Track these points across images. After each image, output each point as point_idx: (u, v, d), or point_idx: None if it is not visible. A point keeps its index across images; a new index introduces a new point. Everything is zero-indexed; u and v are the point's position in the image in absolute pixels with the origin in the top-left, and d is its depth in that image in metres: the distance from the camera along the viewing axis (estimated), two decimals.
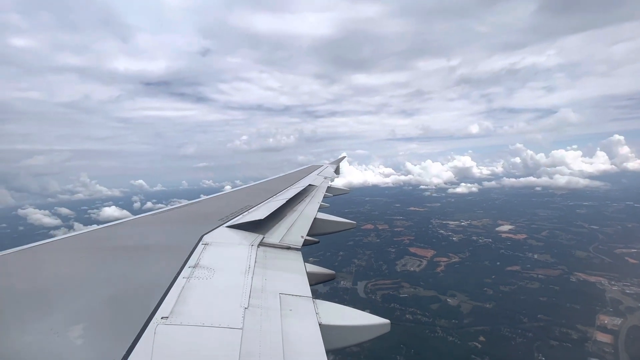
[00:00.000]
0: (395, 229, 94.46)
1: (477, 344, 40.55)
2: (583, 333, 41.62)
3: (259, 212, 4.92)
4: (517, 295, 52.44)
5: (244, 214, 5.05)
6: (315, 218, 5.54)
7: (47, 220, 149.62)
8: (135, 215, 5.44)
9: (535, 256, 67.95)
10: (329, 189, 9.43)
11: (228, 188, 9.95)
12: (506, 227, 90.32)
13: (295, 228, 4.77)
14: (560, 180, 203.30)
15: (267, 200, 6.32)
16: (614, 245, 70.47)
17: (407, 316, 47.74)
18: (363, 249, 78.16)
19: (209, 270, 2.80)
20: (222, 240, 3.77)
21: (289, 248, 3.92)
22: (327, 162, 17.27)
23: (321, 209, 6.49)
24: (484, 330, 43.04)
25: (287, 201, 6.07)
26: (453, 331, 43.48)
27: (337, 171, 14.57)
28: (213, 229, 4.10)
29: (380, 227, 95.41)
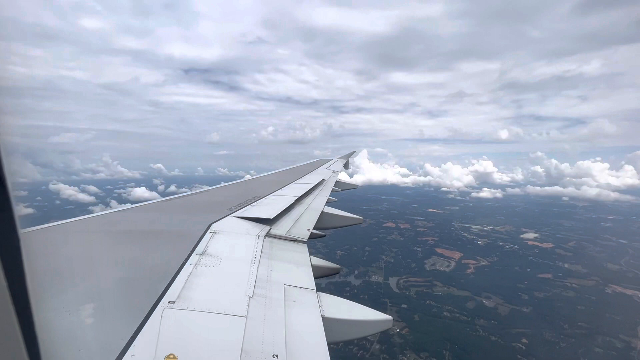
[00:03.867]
0: (418, 229, 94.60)
1: (520, 345, 41.02)
2: (627, 343, 41.86)
3: (268, 208, 5.00)
4: (553, 302, 52.66)
5: (252, 204, 5.20)
6: (322, 212, 5.60)
7: (82, 196, 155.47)
8: (162, 197, 6.06)
9: (566, 266, 67.77)
10: (337, 183, 9.40)
11: (248, 176, 10.52)
12: (531, 235, 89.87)
13: (302, 221, 4.83)
14: (589, 192, 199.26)
15: (274, 193, 6.47)
16: None
17: (445, 314, 48.41)
18: (389, 246, 78.75)
19: (216, 258, 2.88)
20: (230, 229, 3.80)
21: (295, 240, 3.95)
22: (338, 156, 17.16)
23: (328, 202, 6.55)
24: (525, 333, 43.51)
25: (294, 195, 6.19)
26: (494, 331, 44.00)
27: (346, 166, 14.52)
28: (221, 218, 4.20)
29: (402, 226, 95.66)
